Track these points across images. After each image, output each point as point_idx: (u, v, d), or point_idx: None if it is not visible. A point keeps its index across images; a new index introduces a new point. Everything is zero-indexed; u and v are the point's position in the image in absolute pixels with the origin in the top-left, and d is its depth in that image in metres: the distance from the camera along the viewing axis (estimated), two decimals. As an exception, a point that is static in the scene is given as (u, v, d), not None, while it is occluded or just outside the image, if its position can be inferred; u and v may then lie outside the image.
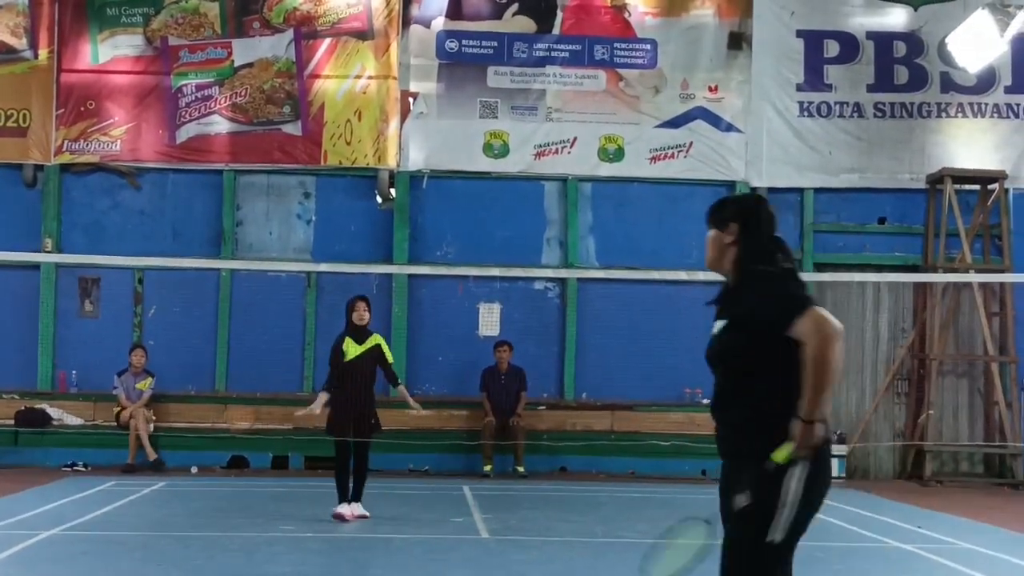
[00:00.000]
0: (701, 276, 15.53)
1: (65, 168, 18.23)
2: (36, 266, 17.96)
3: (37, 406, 17.49)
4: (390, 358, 13.13)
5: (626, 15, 18.70)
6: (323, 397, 12.94)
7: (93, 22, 18.20)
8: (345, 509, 12.58)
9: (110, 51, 18.23)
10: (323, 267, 17.39)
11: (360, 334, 12.88)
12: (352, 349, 12.83)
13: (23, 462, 17.07)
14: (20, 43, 18.16)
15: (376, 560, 10.28)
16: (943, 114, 18.83)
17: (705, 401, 18.15)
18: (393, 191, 18.36)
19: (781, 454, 4.69)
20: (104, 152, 18.19)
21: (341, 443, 12.70)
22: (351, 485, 12.72)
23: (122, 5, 18.23)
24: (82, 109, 18.12)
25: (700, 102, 18.70)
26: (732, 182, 18.58)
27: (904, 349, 18.61)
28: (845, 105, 18.82)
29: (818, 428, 4.71)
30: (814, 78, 18.80)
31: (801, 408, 4.71)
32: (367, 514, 12.68)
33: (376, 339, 12.96)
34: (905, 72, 18.87)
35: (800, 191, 18.81)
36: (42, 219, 18.11)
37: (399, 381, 13.43)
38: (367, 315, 12.95)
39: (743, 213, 5.35)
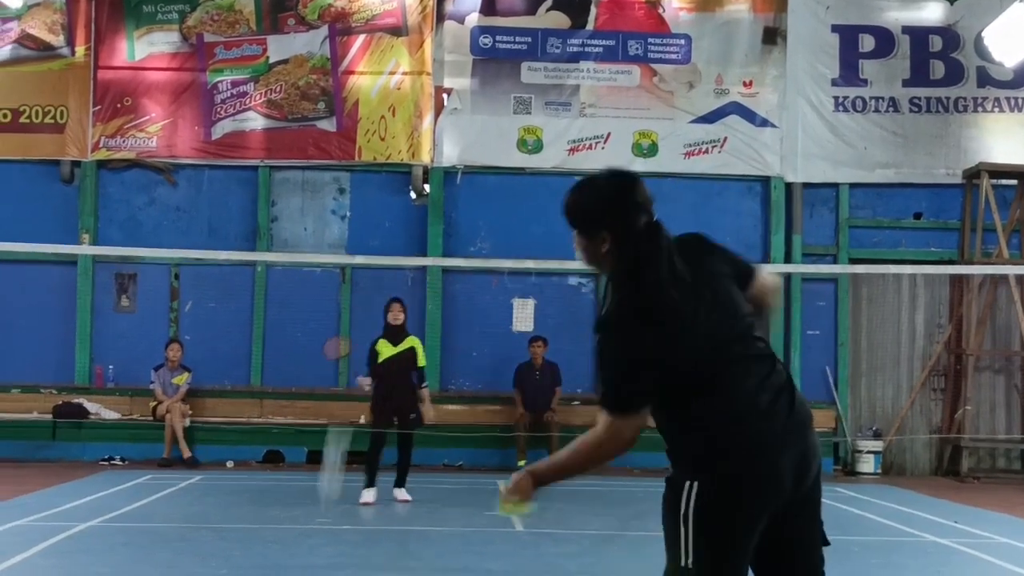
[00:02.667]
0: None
1: (102, 164, 18.35)
2: (73, 262, 18.09)
3: (74, 400, 17.63)
4: (422, 361, 13.61)
5: (660, 10, 18.67)
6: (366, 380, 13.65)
7: (129, 19, 18.32)
8: (370, 496, 13.04)
9: (146, 48, 18.34)
10: (358, 259, 17.43)
11: (396, 335, 13.31)
12: (386, 350, 13.33)
13: (61, 456, 17.21)
14: (57, 40, 18.30)
15: (412, 552, 10.31)
16: (979, 109, 18.71)
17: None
18: (427, 187, 18.39)
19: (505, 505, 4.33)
20: (140, 148, 18.30)
21: (377, 433, 13.22)
22: (396, 473, 13.46)
23: (158, 2, 18.34)
24: (119, 106, 18.24)
25: (735, 97, 18.65)
26: (767, 177, 18.54)
27: (940, 345, 18.51)
28: (881, 100, 18.73)
29: (531, 482, 4.29)
30: (849, 73, 18.72)
31: (542, 466, 4.34)
32: (409, 498, 13.03)
33: (412, 341, 13.52)
34: (941, 67, 18.76)
35: (835, 186, 18.73)
36: (79, 215, 18.23)
37: (424, 384, 13.86)
38: (402, 315, 13.44)
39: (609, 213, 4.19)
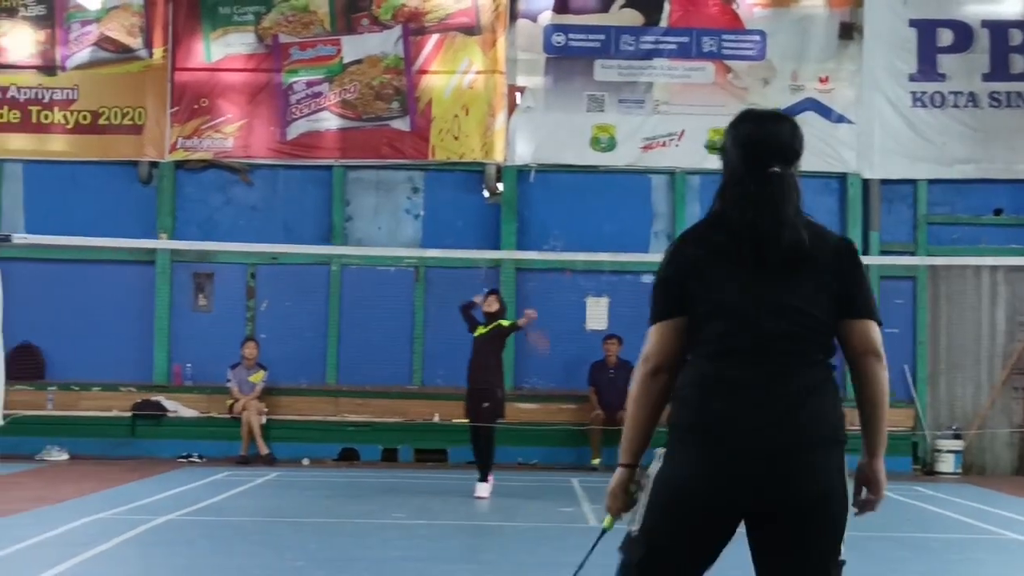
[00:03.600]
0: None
1: (179, 165, 18.56)
2: (152, 261, 18.31)
3: (153, 398, 17.84)
4: (507, 323, 14.14)
5: (734, 6, 18.55)
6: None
7: (206, 21, 18.52)
8: (484, 490, 13.40)
9: (222, 49, 18.53)
10: (431, 253, 17.45)
11: (489, 320, 13.87)
12: (480, 328, 13.87)
13: (139, 453, 17.40)
14: (135, 42, 18.54)
15: (485, 546, 10.32)
16: (1061, 103, 18.42)
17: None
18: (500, 185, 18.40)
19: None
20: (217, 149, 18.48)
21: (471, 426, 13.75)
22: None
23: (234, 4, 18.52)
24: (195, 107, 18.44)
25: (810, 93, 18.48)
26: (843, 174, 18.36)
27: (1021, 343, 18.21)
28: (959, 95, 18.47)
29: (618, 473, 4.06)
30: (927, 68, 18.47)
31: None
32: (484, 495, 13.03)
33: (501, 322, 13.93)
34: (1021, 61, 18.46)
35: (913, 183, 18.51)
36: (157, 215, 18.45)
37: (515, 322, 14.50)
38: (496, 305, 13.94)
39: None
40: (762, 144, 4.05)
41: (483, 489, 13.47)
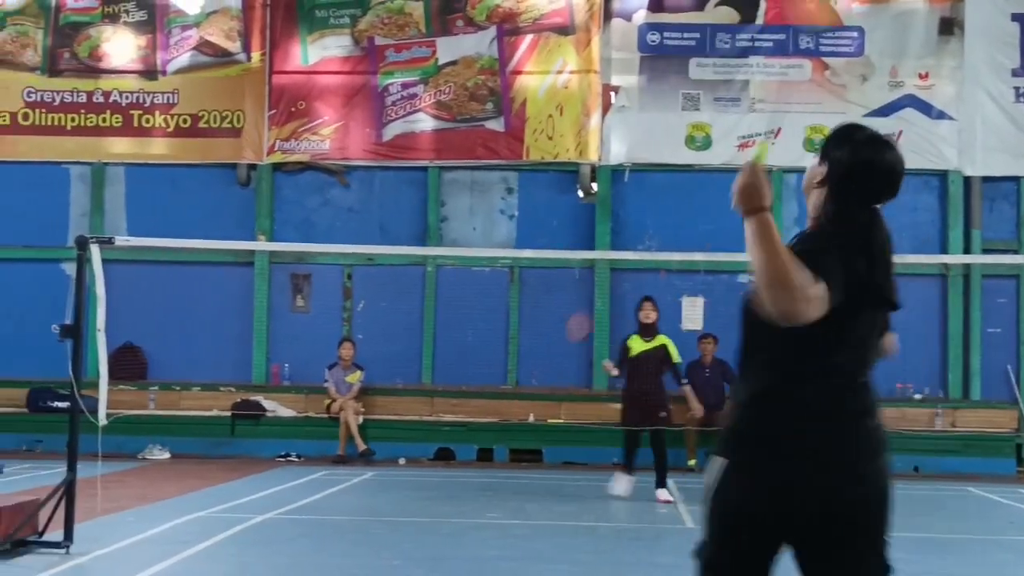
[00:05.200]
0: (912, 259, 15.02)
1: (277, 167, 18.79)
2: (251, 263, 18.56)
3: (252, 398, 18.06)
4: (676, 358, 13.83)
5: (832, 3, 18.34)
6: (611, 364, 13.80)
7: (303, 24, 18.72)
8: (623, 486, 13.20)
9: (319, 52, 18.71)
10: (526, 253, 17.46)
11: (647, 332, 13.68)
12: (637, 345, 13.61)
13: (239, 452, 17.61)
14: (234, 46, 18.80)
15: (582, 546, 10.29)
16: None
17: (917, 396, 17.72)
18: (595, 185, 18.37)
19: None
20: (314, 151, 18.67)
21: (629, 432, 13.48)
22: (655, 474, 13.28)
23: (331, 7, 18.70)
24: (293, 109, 18.64)
25: (910, 90, 18.22)
26: (944, 171, 18.08)
27: None
28: (1064, 90, 18.11)
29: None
30: (1031, 62, 18.14)
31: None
32: (671, 499, 12.95)
33: (663, 339, 13.69)
34: None
35: (1016, 179, 18.18)
36: (255, 217, 18.69)
37: (684, 381, 14.34)
38: (653, 314, 13.73)
39: (831, 144, 4.00)
40: (899, 177, 3.95)
41: (665, 494, 13.25)
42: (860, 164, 3.89)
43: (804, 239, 3.87)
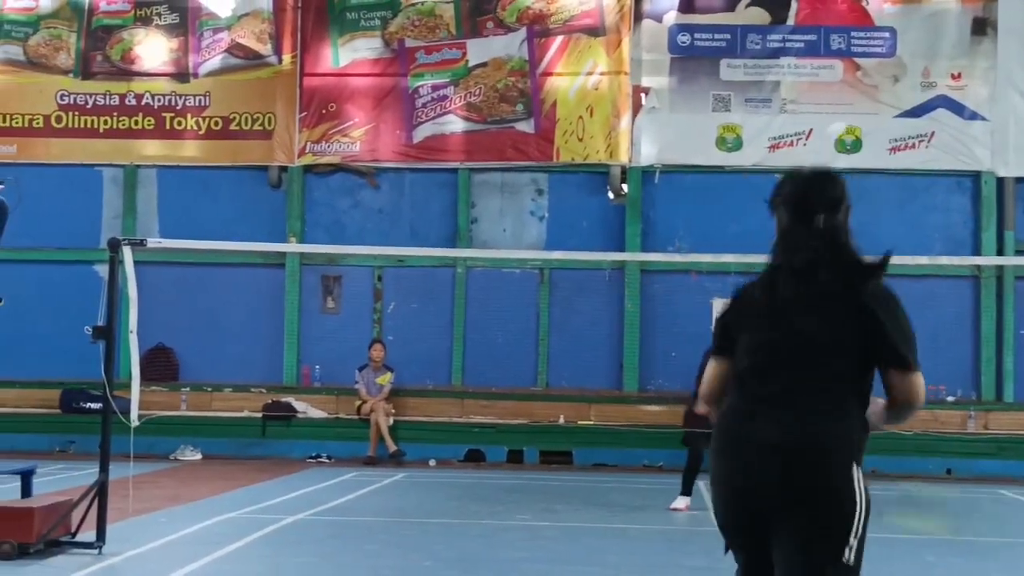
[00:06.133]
0: (944, 260, 15.00)
1: (308, 169, 18.85)
2: (281, 265, 18.61)
3: (283, 400, 18.12)
4: None
5: (864, 3, 18.26)
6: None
7: (334, 27, 18.78)
8: (682, 503, 12.65)
9: (350, 54, 18.77)
10: (556, 255, 17.42)
11: None
12: None
13: (270, 453, 17.68)
14: (265, 49, 18.87)
15: (611, 548, 10.27)
16: None
17: (950, 398, 17.61)
18: (625, 186, 18.34)
19: None
20: (344, 153, 18.72)
21: (695, 450, 12.65)
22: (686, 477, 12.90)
23: (361, 9, 18.75)
24: (323, 111, 18.70)
25: (942, 90, 18.11)
26: (976, 172, 17.98)
27: None
28: (1099, 90, 17.97)
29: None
30: (1065, 62, 18.01)
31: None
32: (681, 507, 12.79)
33: None
34: None
35: (1051, 181, 18.06)
36: (286, 219, 18.75)
37: None
38: None
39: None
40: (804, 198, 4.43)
41: (682, 502, 13.10)
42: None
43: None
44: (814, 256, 4.25)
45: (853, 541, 4.03)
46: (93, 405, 16.60)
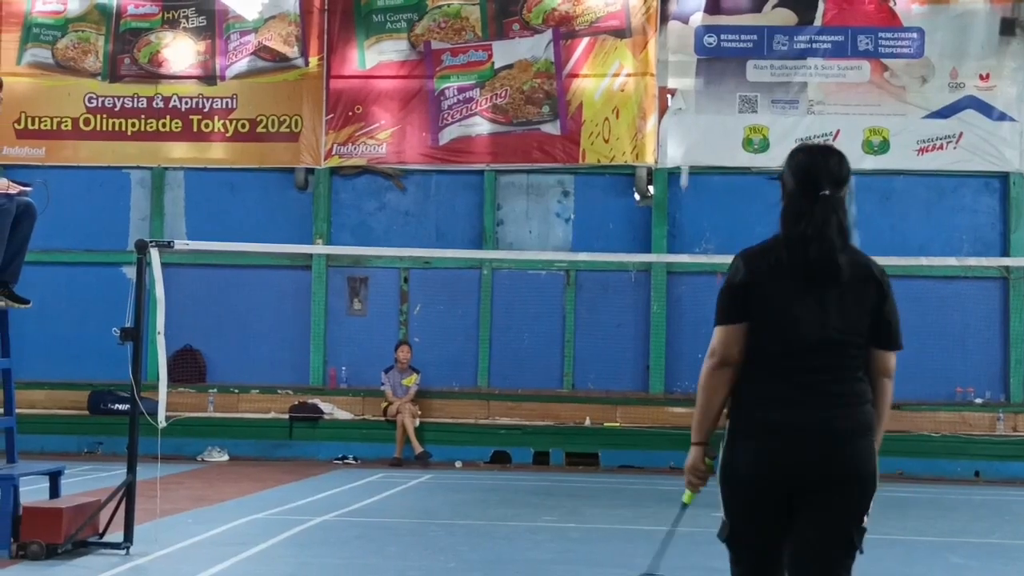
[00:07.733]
0: (973, 262, 14.93)
1: (334, 171, 18.89)
2: (308, 266, 18.66)
3: (310, 401, 18.16)
4: None
5: (891, 4, 18.17)
6: None
7: (360, 29, 18.82)
8: None
9: (376, 56, 18.80)
10: (582, 256, 17.37)
11: None
12: None
13: (297, 455, 17.73)
14: (292, 51, 18.93)
15: (639, 549, 10.23)
16: None
17: (978, 400, 17.51)
18: (651, 188, 18.32)
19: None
20: (371, 155, 18.76)
21: None
22: None
23: (387, 11, 18.79)
24: (350, 114, 18.74)
25: (970, 91, 18.01)
26: (1005, 173, 17.87)
27: None
28: None
29: (693, 451, 4.68)
30: (1094, 62, 17.89)
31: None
32: None
33: None
34: None
35: (1080, 181, 17.94)
36: (313, 221, 18.79)
37: None
38: None
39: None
40: (813, 171, 4.61)
41: None
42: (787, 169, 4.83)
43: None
44: (827, 232, 4.43)
45: (871, 508, 4.40)
46: (121, 406, 16.68)
